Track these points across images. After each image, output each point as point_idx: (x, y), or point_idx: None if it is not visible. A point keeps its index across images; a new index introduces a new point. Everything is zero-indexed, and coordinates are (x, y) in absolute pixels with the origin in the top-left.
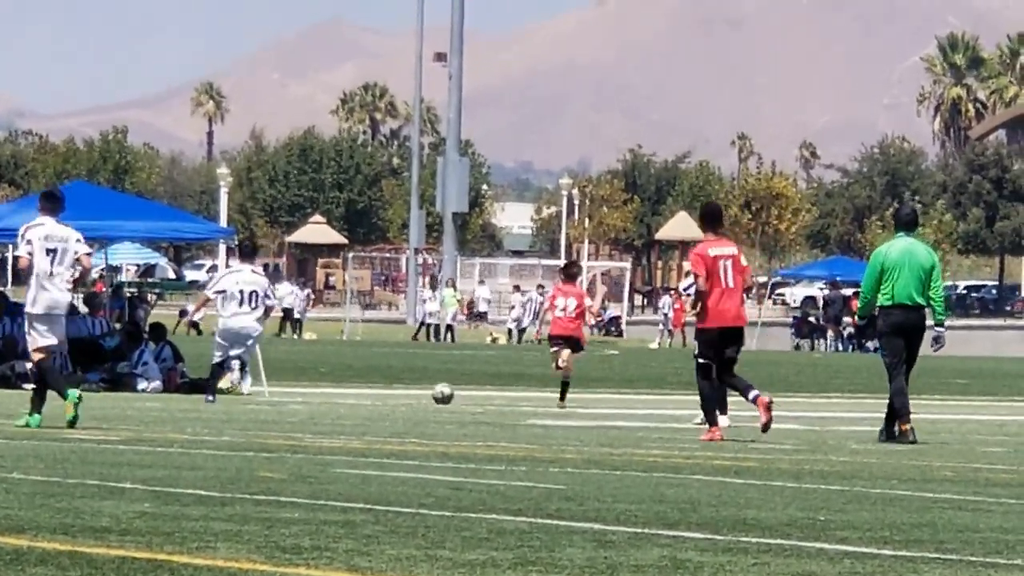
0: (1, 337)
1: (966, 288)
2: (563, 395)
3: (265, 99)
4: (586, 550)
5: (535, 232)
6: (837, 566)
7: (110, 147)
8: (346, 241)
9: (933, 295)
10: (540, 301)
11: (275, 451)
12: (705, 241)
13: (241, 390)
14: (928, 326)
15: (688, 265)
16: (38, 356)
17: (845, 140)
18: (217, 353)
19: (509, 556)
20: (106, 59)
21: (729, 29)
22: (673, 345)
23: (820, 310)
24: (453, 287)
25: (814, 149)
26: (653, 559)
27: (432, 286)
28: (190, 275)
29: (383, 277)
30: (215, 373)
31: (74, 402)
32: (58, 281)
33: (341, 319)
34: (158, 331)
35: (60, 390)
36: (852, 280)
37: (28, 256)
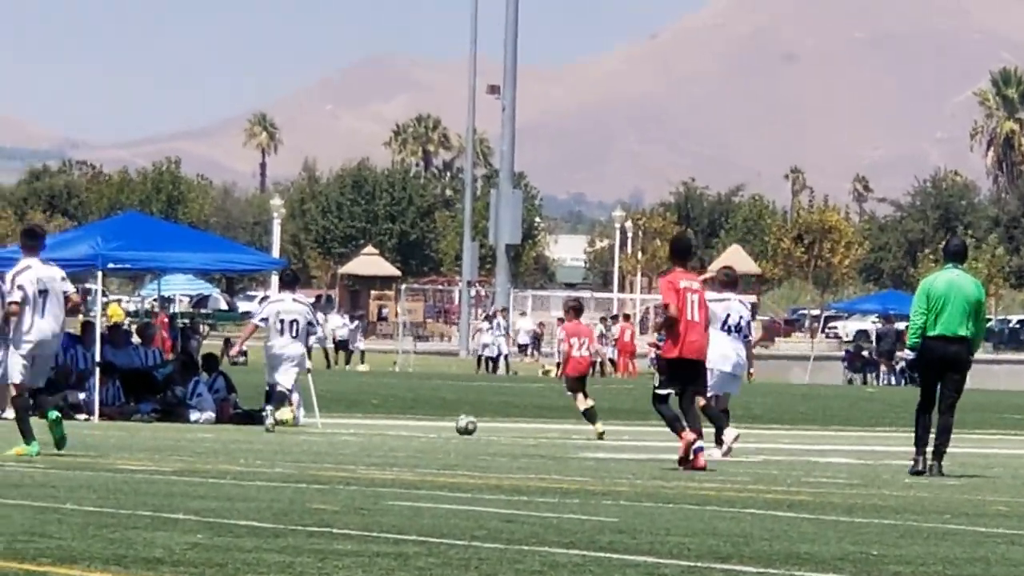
0: (54, 367)
1: (1019, 322)
2: (595, 419)
3: (318, 130)
4: None
5: (588, 265)
6: None
7: (163, 178)
8: (399, 273)
9: (974, 328)
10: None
11: (328, 483)
12: (675, 272)
13: (294, 420)
14: None
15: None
16: (15, 393)
17: (898, 174)
18: (266, 378)
19: None
20: (159, 90)
21: (782, 64)
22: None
23: (873, 344)
24: (504, 319)
25: (867, 183)
26: None
27: (488, 318)
28: (243, 306)
29: (436, 309)
30: (269, 395)
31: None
32: (49, 319)
33: (394, 351)
34: (211, 362)
35: (24, 433)
36: (905, 314)
37: (19, 303)
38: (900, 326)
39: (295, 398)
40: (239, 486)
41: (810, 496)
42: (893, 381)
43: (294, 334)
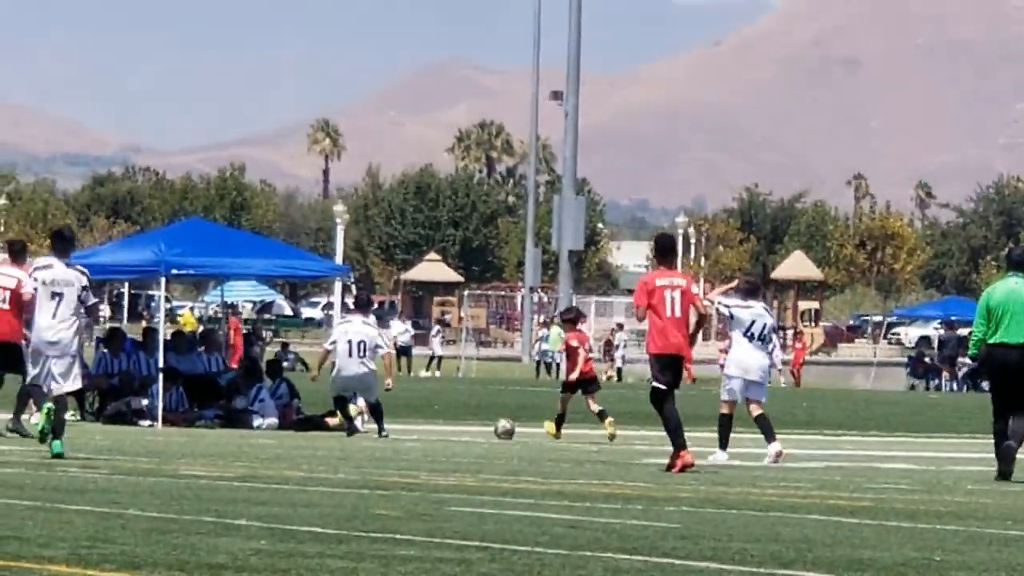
0: (118, 373)
1: None
2: (604, 416)
3: (381, 137)
4: None
5: (651, 271)
6: None
7: (227, 184)
8: (462, 279)
9: None
10: None
11: (391, 488)
12: (653, 272)
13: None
14: None
15: (803, 304)
16: (34, 392)
17: (961, 180)
18: (331, 393)
19: None
20: (222, 96)
21: (845, 70)
22: (784, 384)
23: (935, 350)
24: (560, 325)
25: (929, 189)
26: None
27: (547, 324)
28: (306, 312)
29: (498, 315)
30: (338, 409)
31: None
32: (58, 324)
33: (456, 357)
34: (275, 367)
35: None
36: (967, 320)
37: (33, 292)
38: (962, 332)
39: (361, 404)
40: (302, 492)
41: (872, 502)
42: (955, 387)
43: (361, 354)
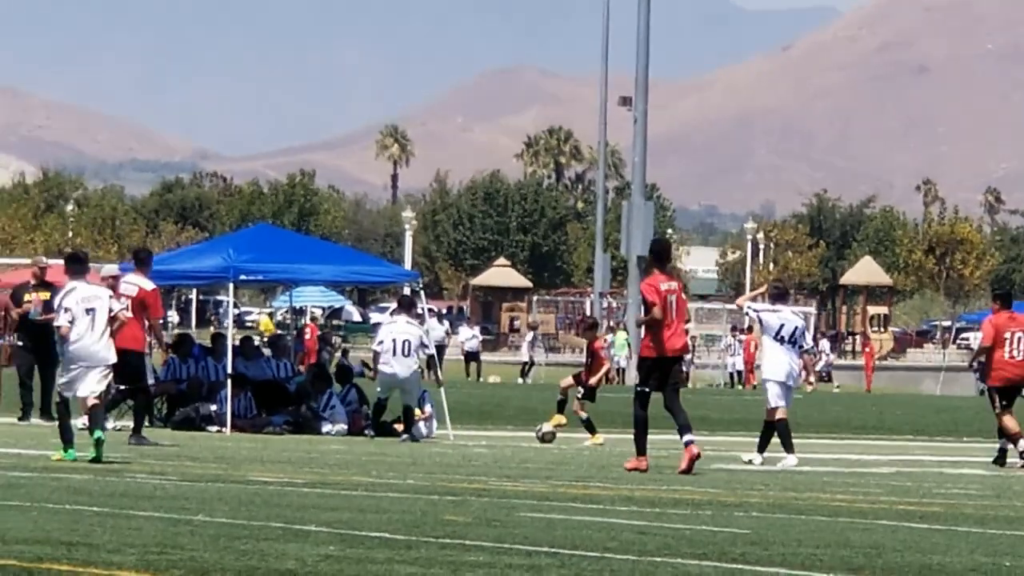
0: (186, 379)
1: None
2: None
3: (449, 143)
4: None
5: (720, 276)
6: None
7: (295, 190)
8: (530, 284)
9: None
10: (729, 343)
11: (460, 494)
12: (656, 276)
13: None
14: None
15: (872, 310)
16: (58, 399)
17: None
18: (378, 394)
19: None
20: (291, 102)
21: (913, 76)
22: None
23: None
24: (625, 330)
25: (998, 195)
26: None
27: (612, 329)
28: (375, 318)
29: (567, 320)
30: (377, 409)
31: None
32: (96, 336)
33: (525, 363)
34: (344, 373)
35: (64, 439)
36: None
37: (69, 324)
38: None
39: (428, 409)
40: (371, 498)
41: (942, 507)
42: None
43: (405, 353)
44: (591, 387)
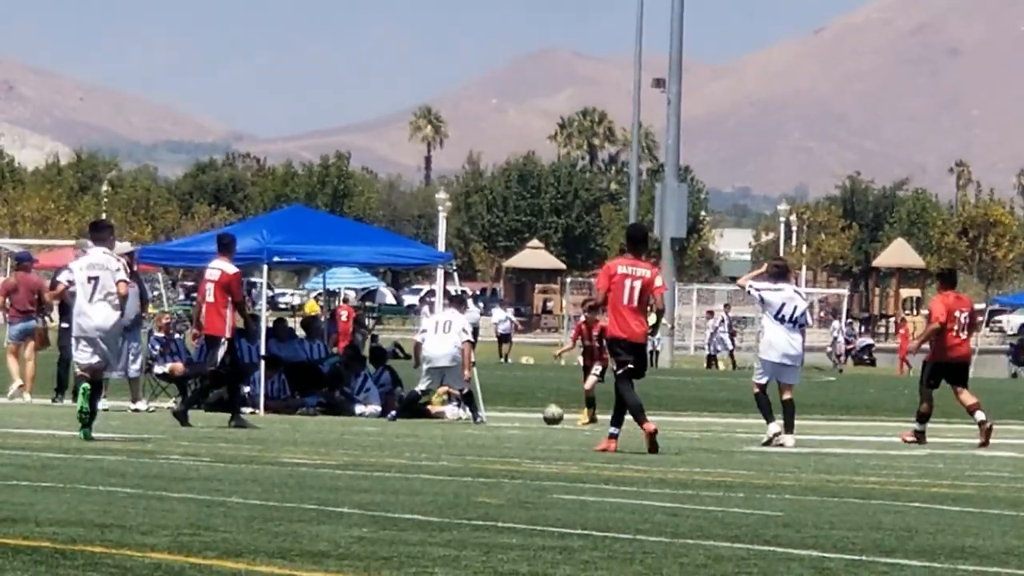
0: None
1: None
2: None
3: (482, 125)
4: None
5: (753, 258)
6: None
7: (329, 172)
8: (564, 266)
9: None
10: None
11: (493, 476)
12: (618, 259)
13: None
14: None
15: (905, 292)
16: (80, 373)
17: None
18: (428, 384)
19: None
20: (323, 84)
21: (946, 58)
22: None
23: None
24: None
25: None
26: None
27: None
28: (408, 300)
29: None
30: (411, 398)
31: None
32: (99, 306)
33: (558, 344)
34: (378, 355)
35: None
36: None
37: (67, 284)
38: None
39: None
40: (404, 479)
41: (975, 490)
42: None
43: (445, 331)
44: (603, 367)
